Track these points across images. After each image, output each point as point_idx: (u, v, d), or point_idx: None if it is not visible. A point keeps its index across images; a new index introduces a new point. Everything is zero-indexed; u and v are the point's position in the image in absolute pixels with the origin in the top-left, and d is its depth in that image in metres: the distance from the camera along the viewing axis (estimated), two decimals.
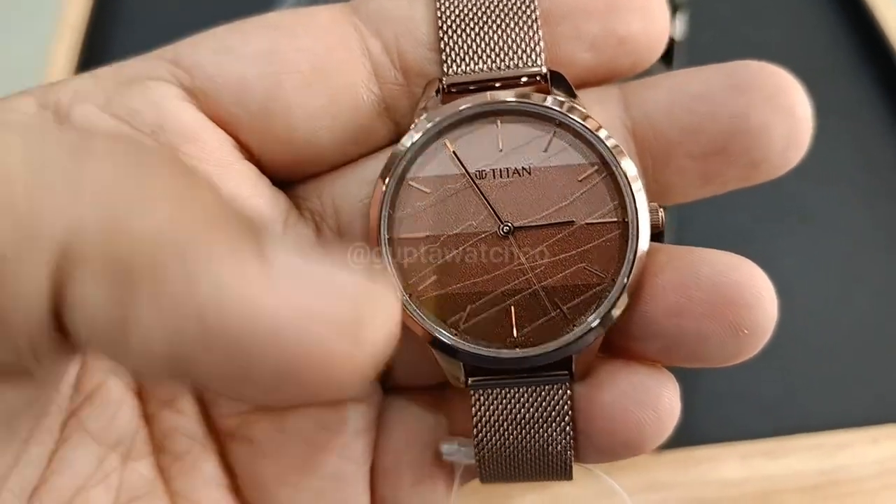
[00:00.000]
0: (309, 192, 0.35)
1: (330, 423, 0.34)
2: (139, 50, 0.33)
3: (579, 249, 0.32)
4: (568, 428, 0.32)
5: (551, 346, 0.31)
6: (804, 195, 0.30)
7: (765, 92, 0.31)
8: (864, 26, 0.77)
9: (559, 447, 0.32)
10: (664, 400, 0.31)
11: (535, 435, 0.32)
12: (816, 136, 0.32)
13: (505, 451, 0.33)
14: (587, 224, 0.32)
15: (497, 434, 0.32)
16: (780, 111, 0.31)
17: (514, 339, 0.32)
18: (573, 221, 0.32)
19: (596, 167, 0.32)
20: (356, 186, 0.34)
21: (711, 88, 0.32)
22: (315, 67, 0.32)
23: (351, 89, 0.32)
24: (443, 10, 0.33)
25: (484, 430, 0.32)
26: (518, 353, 0.32)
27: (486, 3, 0.33)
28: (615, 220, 0.32)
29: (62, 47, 0.72)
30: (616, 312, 0.31)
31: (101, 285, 0.22)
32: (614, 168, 0.31)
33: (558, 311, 0.32)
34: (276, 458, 0.34)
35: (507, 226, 0.32)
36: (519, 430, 0.32)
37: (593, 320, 0.31)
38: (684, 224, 0.62)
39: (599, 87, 0.34)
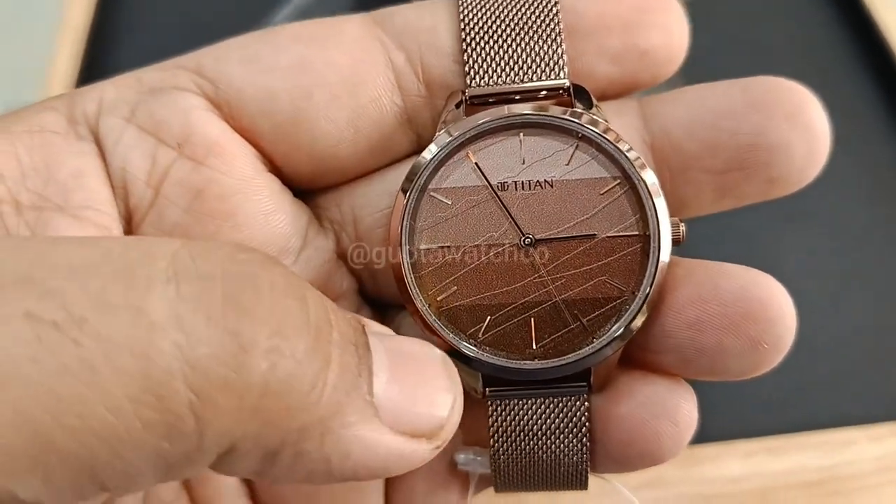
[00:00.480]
0: (329, 202, 0.35)
1: None
2: (140, 51, 0.32)
3: (600, 262, 0.32)
4: (585, 439, 0.32)
5: (570, 358, 0.31)
6: (805, 194, 0.30)
7: (784, 109, 0.31)
8: (864, 27, 0.77)
9: (575, 458, 0.32)
10: (682, 411, 0.31)
11: (551, 445, 0.32)
12: None
13: (521, 461, 0.33)
14: (608, 237, 0.32)
15: (514, 444, 0.33)
16: (800, 129, 0.31)
17: (533, 350, 0.32)
18: (594, 234, 0.32)
19: (618, 181, 0.32)
20: (377, 197, 0.34)
21: (730, 104, 0.32)
22: (342, 80, 0.32)
23: (375, 102, 0.32)
24: (466, 21, 0.32)
25: (500, 440, 0.33)
26: (537, 364, 0.32)
27: (510, 16, 0.33)
28: (636, 233, 0.32)
29: (64, 48, 0.72)
30: (636, 325, 0.31)
31: (247, 464, 0.24)
32: (636, 181, 0.31)
33: (578, 323, 0.32)
34: None
35: (529, 238, 0.32)
36: (536, 441, 0.33)
37: (613, 333, 0.31)
38: (687, 223, 0.63)
39: (618, 101, 0.34)
